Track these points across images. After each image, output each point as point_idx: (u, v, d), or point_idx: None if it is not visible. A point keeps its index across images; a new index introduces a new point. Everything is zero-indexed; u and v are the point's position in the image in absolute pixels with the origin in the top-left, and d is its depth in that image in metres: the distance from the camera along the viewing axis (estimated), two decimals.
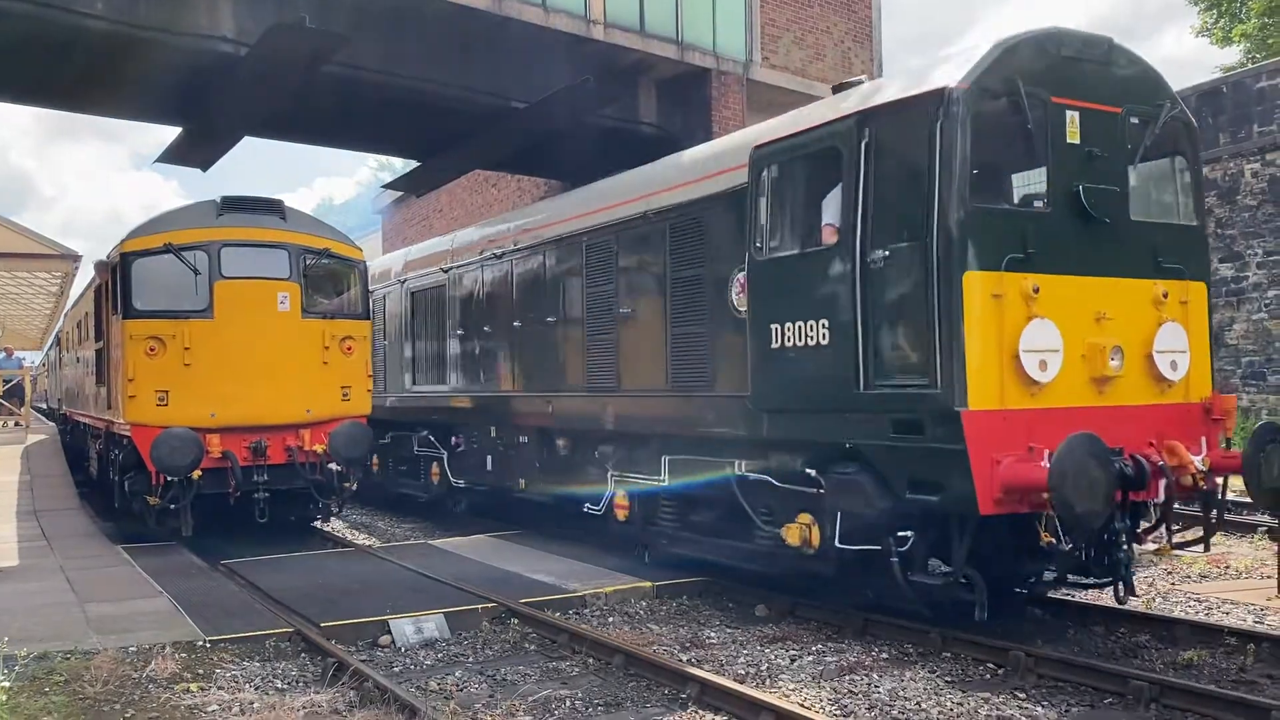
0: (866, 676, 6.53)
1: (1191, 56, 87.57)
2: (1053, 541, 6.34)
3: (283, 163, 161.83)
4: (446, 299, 13.28)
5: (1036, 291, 6.46)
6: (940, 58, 7.23)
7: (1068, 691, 6.16)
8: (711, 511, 8.68)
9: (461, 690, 6.44)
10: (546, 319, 10.81)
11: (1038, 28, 6.91)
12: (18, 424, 24.59)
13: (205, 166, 16.14)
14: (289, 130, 16.27)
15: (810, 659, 6.98)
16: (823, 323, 7.14)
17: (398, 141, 17.91)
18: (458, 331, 12.90)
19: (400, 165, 28.04)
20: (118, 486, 11.96)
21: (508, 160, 17.73)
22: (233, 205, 11.80)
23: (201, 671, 6.73)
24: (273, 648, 7.38)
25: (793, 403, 7.52)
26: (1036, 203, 7.01)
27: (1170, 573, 9.35)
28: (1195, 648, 6.87)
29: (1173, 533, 7.18)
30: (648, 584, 8.89)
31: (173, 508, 10.92)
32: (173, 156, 15.76)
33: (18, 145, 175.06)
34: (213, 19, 12.28)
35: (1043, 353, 6.47)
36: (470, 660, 7.18)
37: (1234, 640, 6.92)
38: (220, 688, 6.43)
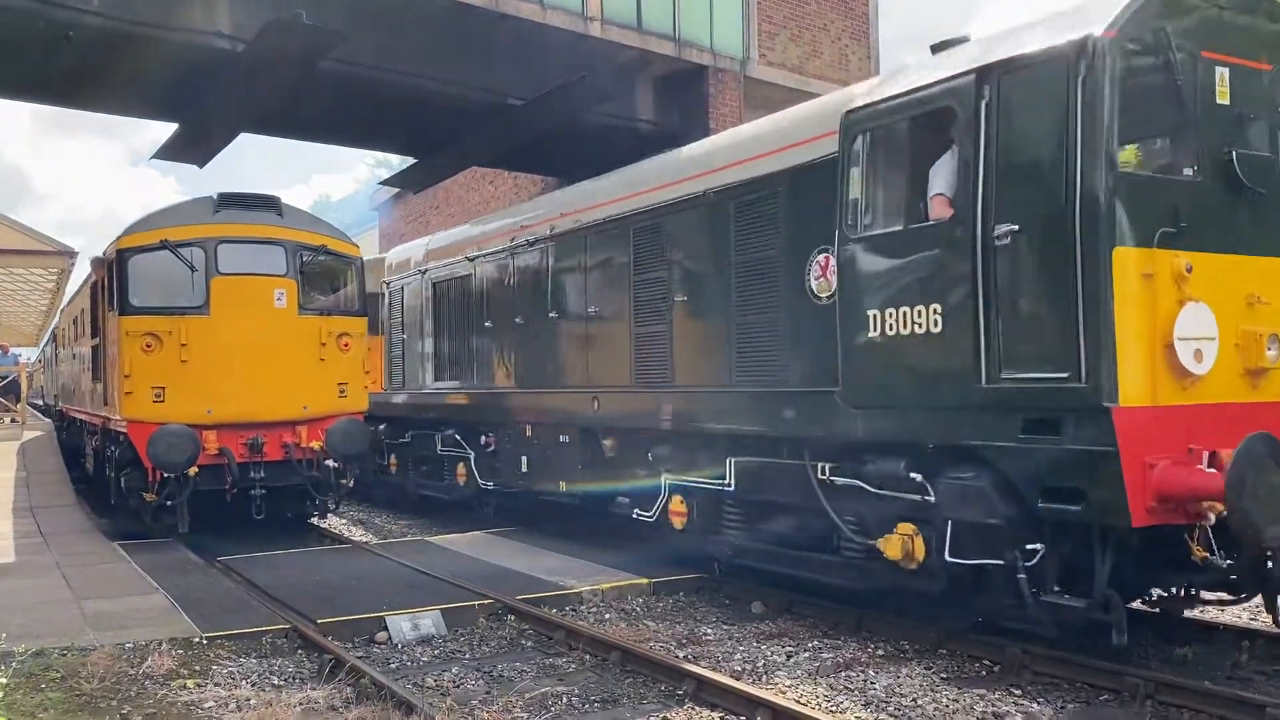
0: (863, 673, 6.53)
1: None
2: (1208, 556, 5.59)
3: (280, 159, 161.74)
4: (473, 289, 12.60)
5: (1189, 271, 5.73)
6: (1070, 8, 6.32)
7: (1063, 688, 6.17)
8: (786, 520, 7.95)
9: (458, 687, 6.44)
10: (588, 309, 10.14)
11: None
12: (14, 420, 24.59)
13: (202, 163, 16.13)
14: (286, 127, 16.26)
15: (807, 655, 6.99)
16: (934, 308, 6.37)
17: (394, 138, 17.90)
18: (486, 324, 12.22)
19: (397, 162, 27.99)
20: (114, 483, 11.95)
21: (504, 157, 17.72)
22: (229, 202, 11.79)
23: (198, 668, 6.72)
24: (269, 644, 7.38)
25: (895, 399, 6.74)
26: (1185, 170, 6.15)
27: None
28: (1190, 644, 6.87)
29: None
30: (644, 581, 8.91)
31: (169, 504, 10.93)
32: (169, 153, 15.75)
33: (13, 141, 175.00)
34: (209, 15, 12.28)
35: (1198, 341, 5.76)
36: (467, 657, 7.19)
37: (1229, 636, 6.92)
38: (217, 684, 6.43)
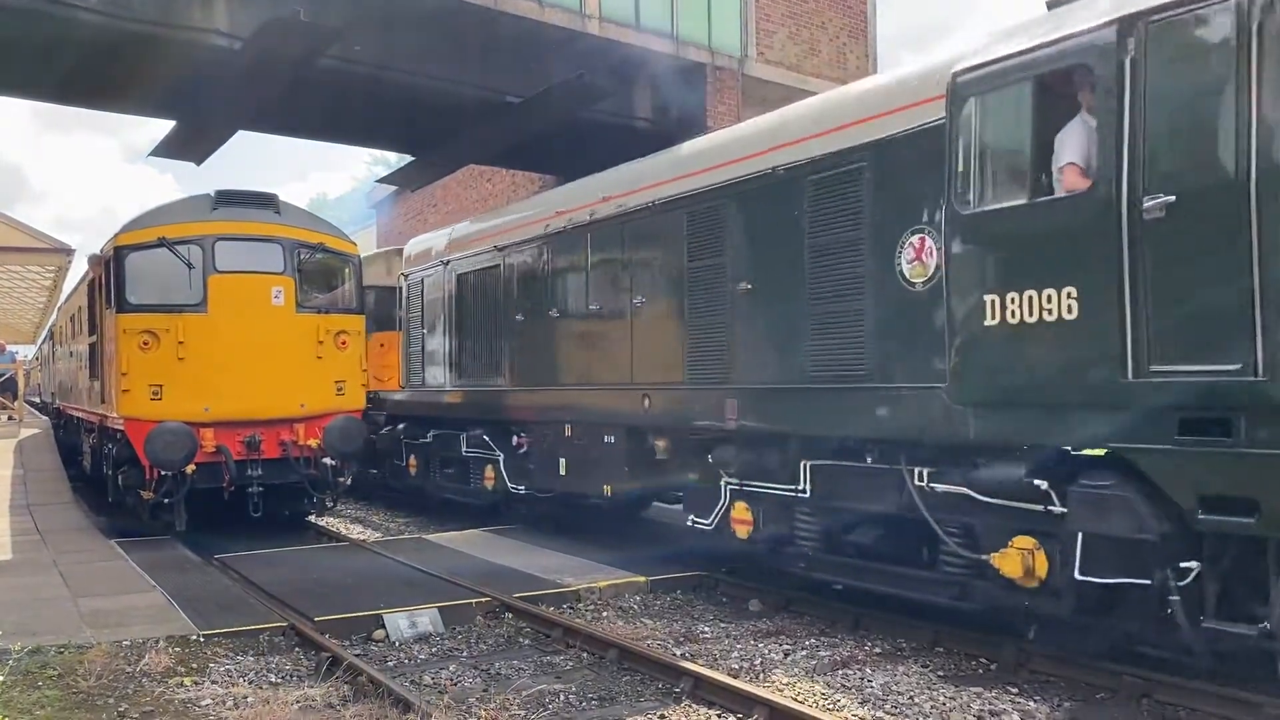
0: (860, 671, 6.54)
1: None
2: None
3: (277, 157, 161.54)
4: (502, 280, 11.79)
5: None
6: None
7: (1060, 687, 6.18)
8: (871, 530, 7.39)
9: (455, 684, 6.44)
10: (634, 300, 9.43)
11: None
12: (11, 418, 24.55)
13: (199, 160, 16.15)
14: (283, 125, 16.28)
15: (804, 653, 7.00)
16: (1067, 291, 5.71)
17: (392, 136, 17.92)
18: (517, 317, 11.42)
19: (395, 160, 28.00)
20: (111, 481, 11.95)
21: (502, 155, 17.73)
22: (227, 199, 11.76)
23: (195, 665, 6.72)
24: (266, 642, 7.38)
25: (1017, 395, 6.02)
26: None
27: None
28: None
29: None
30: (642, 579, 8.91)
31: (166, 502, 10.93)
32: (167, 150, 15.77)
33: (10, 138, 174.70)
34: (207, 14, 12.29)
35: None
36: (464, 654, 7.19)
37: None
38: (214, 682, 6.43)
